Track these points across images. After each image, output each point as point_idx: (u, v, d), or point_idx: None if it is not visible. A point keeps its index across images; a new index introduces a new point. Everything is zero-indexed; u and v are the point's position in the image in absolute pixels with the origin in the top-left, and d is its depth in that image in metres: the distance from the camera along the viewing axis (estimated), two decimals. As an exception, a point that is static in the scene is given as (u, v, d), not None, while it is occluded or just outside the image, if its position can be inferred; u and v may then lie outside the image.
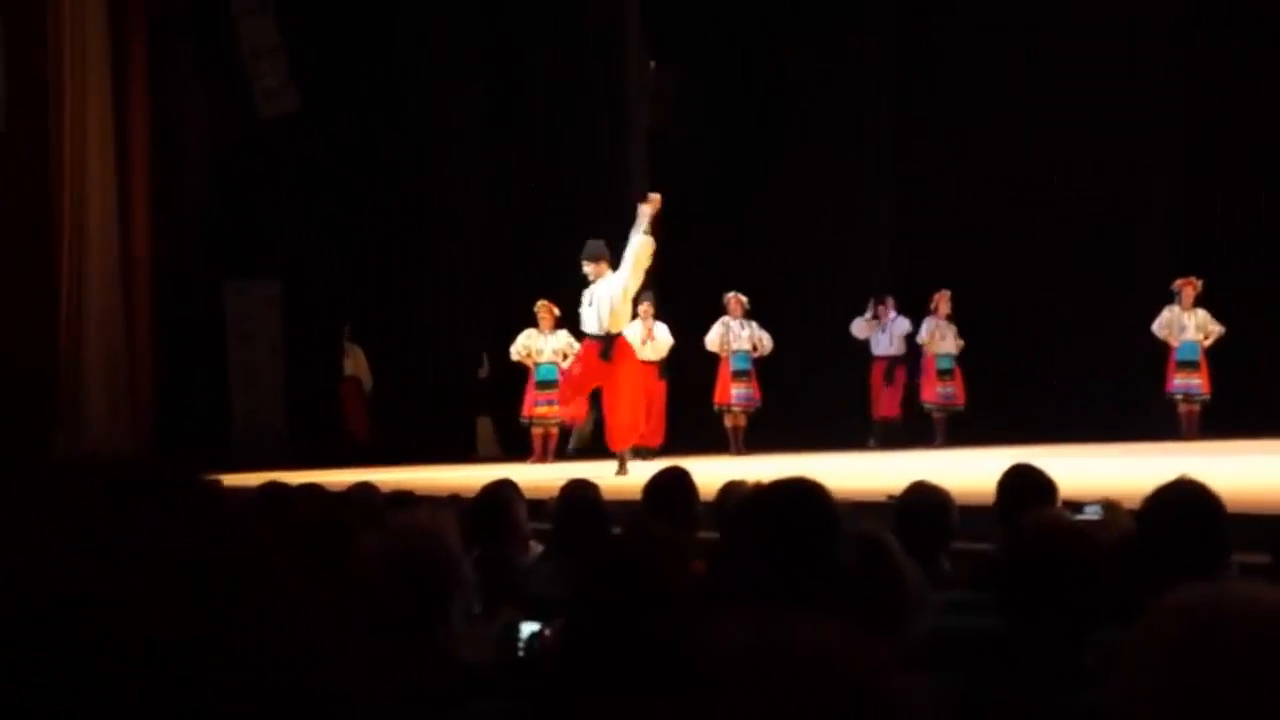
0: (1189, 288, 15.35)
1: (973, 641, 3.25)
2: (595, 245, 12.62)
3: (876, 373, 16.77)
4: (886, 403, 16.59)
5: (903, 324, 16.59)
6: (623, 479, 10.91)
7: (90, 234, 16.15)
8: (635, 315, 15.56)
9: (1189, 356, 15.43)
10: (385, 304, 17.74)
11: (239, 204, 17.76)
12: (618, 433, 12.46)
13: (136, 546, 0.99)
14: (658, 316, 15.78)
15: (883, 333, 16.64)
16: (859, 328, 16.76)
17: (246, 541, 1.05)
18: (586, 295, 12.67)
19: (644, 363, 15.55)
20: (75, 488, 1.03)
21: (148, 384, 16.85)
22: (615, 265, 12.48)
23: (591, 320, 12.54)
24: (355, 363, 17.71)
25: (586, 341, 12.73)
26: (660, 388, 15.78)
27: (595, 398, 13.46)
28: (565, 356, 14.63)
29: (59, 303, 15.96)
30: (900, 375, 16.60)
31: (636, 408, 12.62)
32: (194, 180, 18.03)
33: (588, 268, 12.52)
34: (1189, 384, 15.44)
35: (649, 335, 15.67)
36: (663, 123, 17.71)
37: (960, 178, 17.11)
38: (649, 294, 15.79)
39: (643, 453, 15.03)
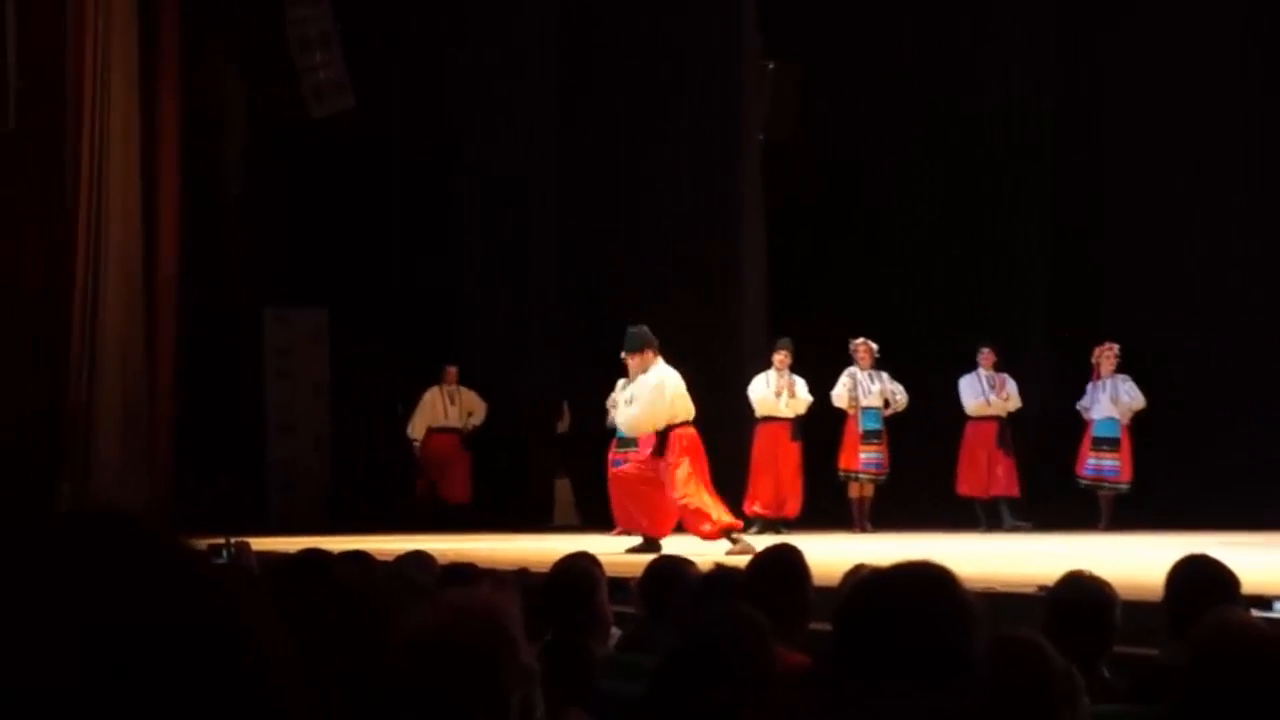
0: None
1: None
2: (640, 333, 12.51)
3: (977, 437, 16.11)
4: (1003, 478, 16.16)
5: (1008, 381, 16.09)
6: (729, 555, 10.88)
7: (110, 251, 16.40)
8: (770, 364, 15.61)
9: None
10: (448, 340, 17.83)
11: (282, 219, 17.97)
12: (660, 518, 12.54)
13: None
14: (793, 369, 15.74)
15: (991, 389, 16.21)
16: (973, 403, 16.18)
17: (227, 628, 1.03)
18: (625, 392, 12.79)
19: (777, 421, 15.61)
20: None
21: (169, 427, 17.07)
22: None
23: (627, 419, 12.74)
24: (470, 405, 17.61)
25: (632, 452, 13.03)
26: (795, 450, 15.74)
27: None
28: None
29: (70, 330, 16.22)
30: (1010, 442, 16.02)
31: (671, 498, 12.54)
32: (231, 191, 18.28)
33: (631, 361, 12.46)
34: None
35: (789, 389, 15.64)
36: (781, 132, 17.70)
37: (1132, 203, 16.90)
38: (786, 341, 15.73)
39: (776, 525, 15.12)
